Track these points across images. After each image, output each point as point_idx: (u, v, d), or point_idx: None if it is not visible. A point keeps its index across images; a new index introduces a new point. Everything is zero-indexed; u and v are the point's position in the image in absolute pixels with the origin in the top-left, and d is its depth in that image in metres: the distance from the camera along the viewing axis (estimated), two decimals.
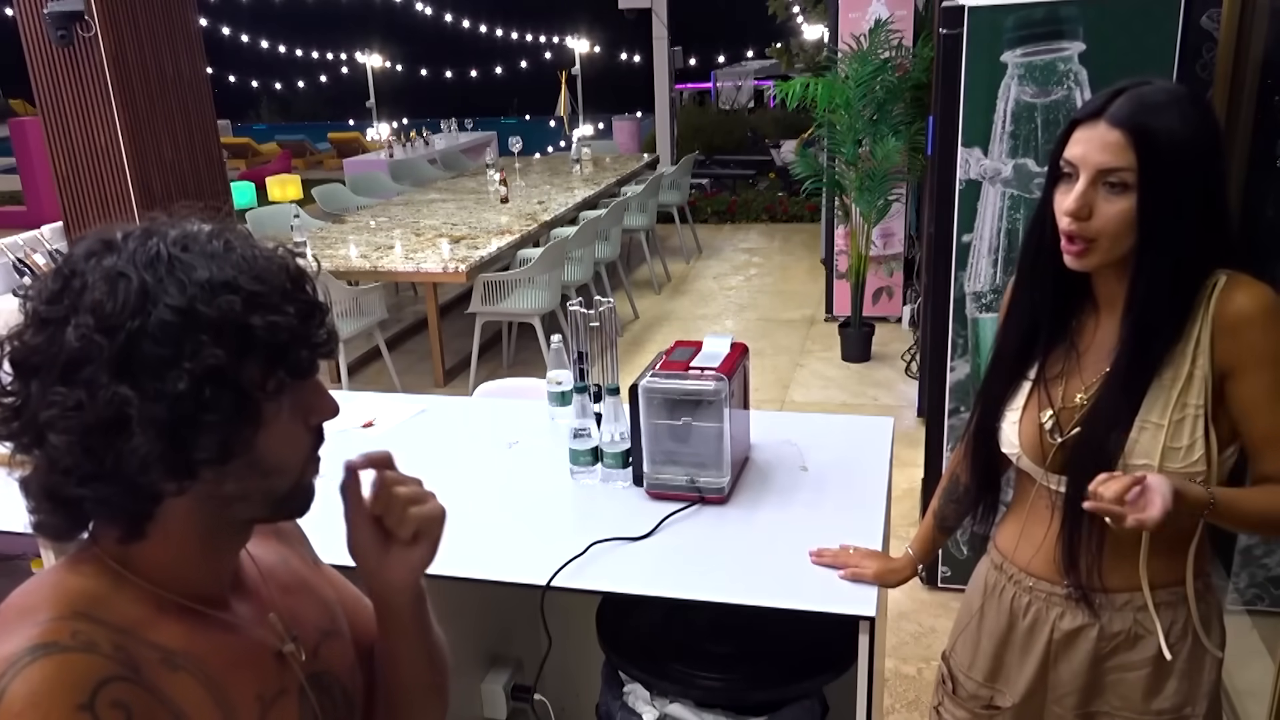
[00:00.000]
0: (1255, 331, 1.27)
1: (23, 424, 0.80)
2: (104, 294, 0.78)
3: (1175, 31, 2.63)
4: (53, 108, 5.36)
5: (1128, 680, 1.43)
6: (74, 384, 0.77)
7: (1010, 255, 2.90)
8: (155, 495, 0.82)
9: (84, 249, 0.82)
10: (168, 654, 0.83)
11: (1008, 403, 1.46)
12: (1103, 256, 1.30)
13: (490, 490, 2.00)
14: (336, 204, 7.66)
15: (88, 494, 0.80)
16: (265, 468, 0.86)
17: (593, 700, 1.90)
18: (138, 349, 0.77)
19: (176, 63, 5.66)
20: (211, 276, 0.80)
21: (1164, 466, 1.30)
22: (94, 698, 0.75)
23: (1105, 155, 1.26)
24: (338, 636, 1.05)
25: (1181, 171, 1.25)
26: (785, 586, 1.59)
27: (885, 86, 5.27)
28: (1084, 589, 1.41)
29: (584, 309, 2.06)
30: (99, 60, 5.20)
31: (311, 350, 0.85)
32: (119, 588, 0.84)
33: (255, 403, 0.82)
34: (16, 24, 5.23)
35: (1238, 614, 2.91)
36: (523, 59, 18.35)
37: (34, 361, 0.79)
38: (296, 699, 0.95)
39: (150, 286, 0.78)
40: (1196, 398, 1.29)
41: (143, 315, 0.77)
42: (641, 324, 6.65)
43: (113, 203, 5.55)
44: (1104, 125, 1.27)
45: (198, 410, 0.78)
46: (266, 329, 0.81)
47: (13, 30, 5.26)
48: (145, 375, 0.77)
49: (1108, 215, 1.27)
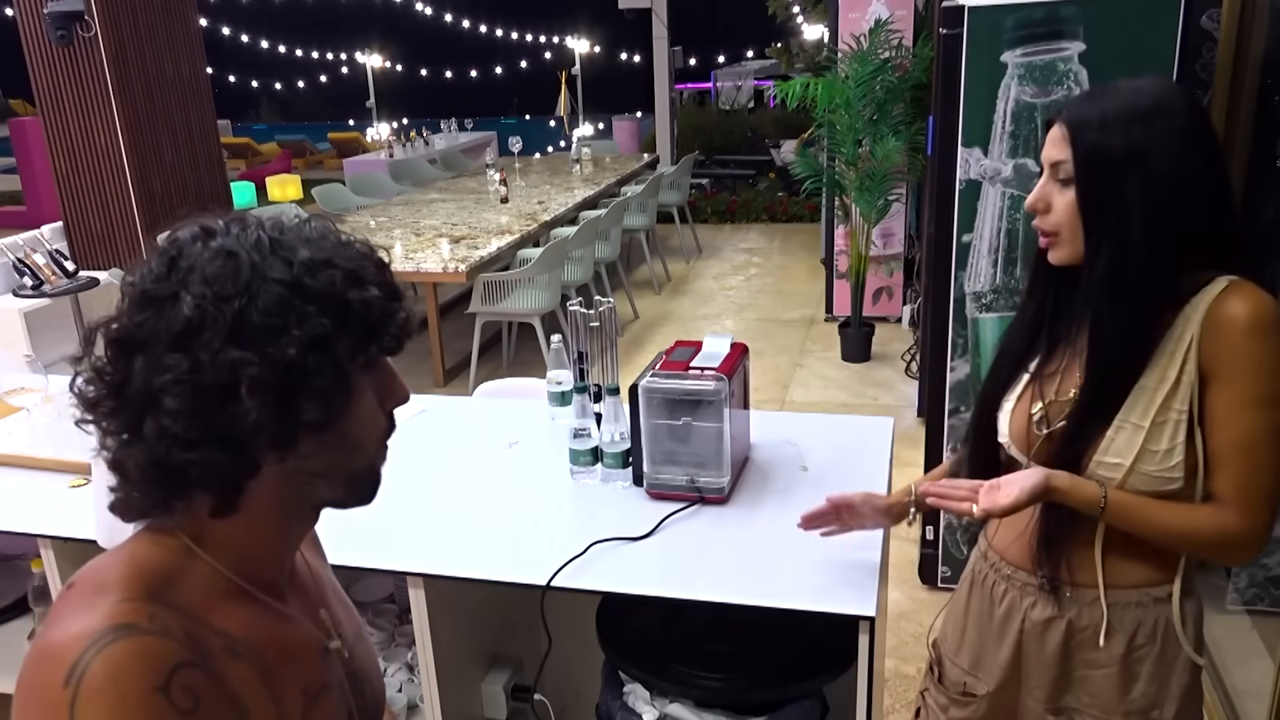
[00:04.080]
0: (1237, 338, 1.25)
1: (123, 400, 0.83)
2: (217, 269, 0.82)
3: (1175, 31, 2.63)
4: (53, 108, 5.36)
5: (1095, 678, 1.44)
6: (188, 350, 0.80)
7: (1010, 255, 2.91)
8: (256, 464, 0.85)
9: (187, 234, 0.85)
10: (230, 641, 0.86)
11: (1007, 395, 1.48)
12: (1070, 248, 1.34)
13: (490, 490, 2.00)
14: (336, 204, 7.66)
15: (195, 458, 0.82)
16: (350, 443, 0.90)
17: (593, 700, 1.90)
18: (250, 318, 0.81)
19: (176, 63, 5.66)
20: (312, 256, 0.85)
21: (1138, 468, 1.31)
22: (169, 681, 0.78)
23: (1052, 149, 1.33)
24: (365, 641, 1.09)
25: (1119, 172, 1.26)
26: (785, 586, 1.59)
27: (885, 86, 5.27)
28: (1054, 581, 1.43)
29: (584, 309, 2.06)
30: (99, 60, 5.20)
31: (397, 329, 0.90)
32: (191, 566, 0.87)
33: (349, 375, 0.86)
34: (16, 24, 5.23)
35: (1238, 614, 2.91)
36: (523, 59, 18.35)
37: (141, 336, 0.82)
38: (337, 695, 0.97)
39: (258, 264, 0.82)
40: (1181, 402, 1.29)
41: (253, 289, 0.81)
42: (641, 324, 6.65)
43: (113, 203, 5.55)
44: (1059, 121, 1.33)
45: (304, 376, 0.82)
46: (362, 304, 0.85)
47: (13, 30, 5.26)
48: (258, 341, 0.81)
49: (1059, 208, 1.33)
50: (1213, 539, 1.30)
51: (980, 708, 1.55)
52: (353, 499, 0.94)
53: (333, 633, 1.00)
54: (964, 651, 1.59)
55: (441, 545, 1.77)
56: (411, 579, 1.70)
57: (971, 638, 1.57)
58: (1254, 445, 1.27)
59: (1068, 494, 1.33)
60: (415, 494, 1.96)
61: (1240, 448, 1.27)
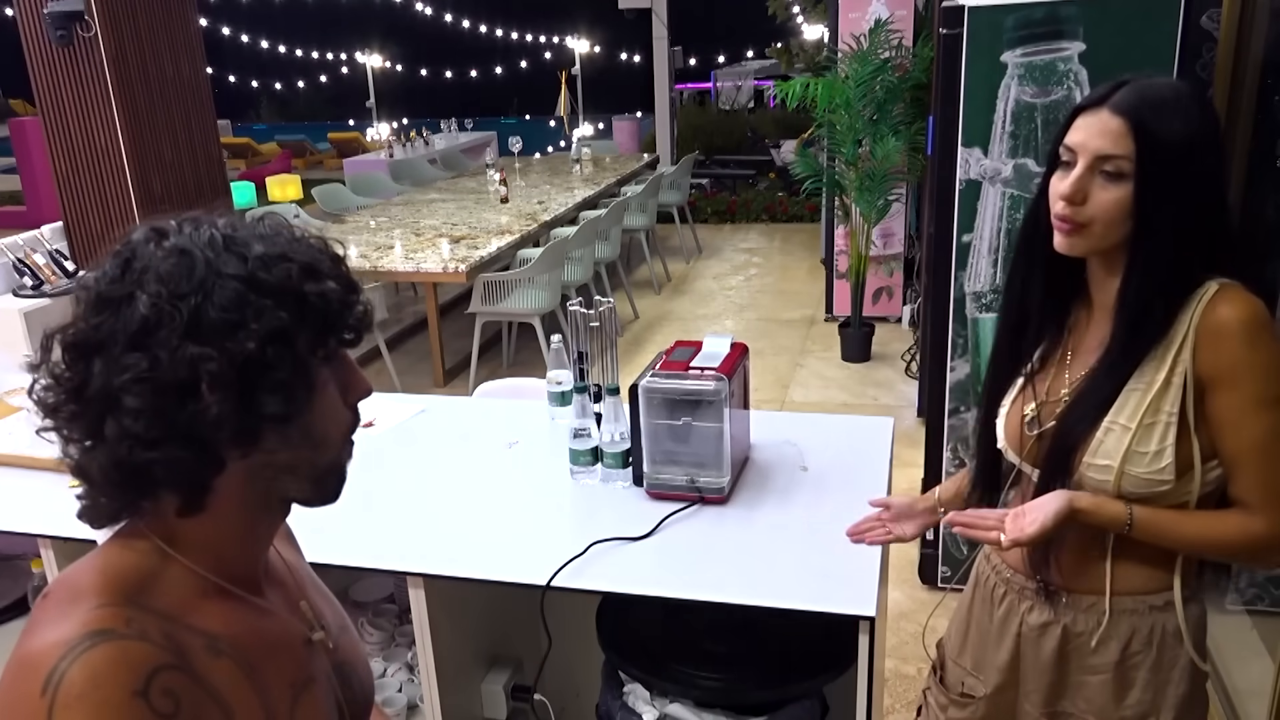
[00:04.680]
0: (1234, 344, 1.25)
1: (83, 404, 0.82)
2: (171, 267, 0.82)
3: (1175, 31, 2.63)
4: (53, 108, 5.36)
5: (1091, 683, 1.43)
6: (146, 349, 0.80)
7: (1010, 255, 2.90)
8: (220, 461, 0.85)
9: (140, 236, 0.86)
10: (211, 639, 0.86)
11: (1004, 396, 1.47)
12: (1094, 242, 1.31)
13: (490, 490, 2.00)
14: (336, 204, 7.66)
15: (159, 457, 0.82)
16: (315, 437, 0.90)
17: (593, 700, 1.90)
18: (207, 314, 0.81)
19: (176, 63, 5.66)
20: (266, 250, 0.85)
21: (1127, 470, 1.30)
22: (148, 684, 0.78)
23: (1104, 141, 1.27)
24: (350, 632, 1.09)
25: (1179, 165, 1.25)
26: (785, 586, 1.59)
27: (885, 86, 5.27)
28: (1050, 586, 1.43)
29: (584, 309, 2.06)
30: (99, 60, 5.20)
31: (356, 321, 0.90)
32: (165, 568, 0.87)
33: (310, 368, 0.86)
34: (16, 24, 5.23)
35: (1237, 614, 2.91)
36: (523, 59, 18.34)
37: (97, 338, 0.82)
38: (324, 687, 0.97)
39: (212, 260, 0.83)
40: (1171, 405, 1.28)
41: (208, 286, 0.81)
42: (641, 324, 6.65)
43: (113, 203, 5.55)
44: (1106, 112, 1.27)
45: (264, 369, 0.82)
46: (319, 296, 0.86)
47: (13, 30, 5.26)
48: (216, 337, 0.80)
49: (1102, 202, 1.28)
50: (1241, 544, 1.30)
51: (979, 709, 1.56)
52: (318, 496, 0.94)
53: (315, 624, 1.00)
54: (966, 653, 1.59)
55: (441, 545, 1.77)
56: (411, 579, 1.69)
57: (973, 639, 1.58)
58: (1269, 447, 1.26)
59: (1092, 514, 1.32)
60: (415, 494, 1.95)
61: (1256, 450, 1.27)
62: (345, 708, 1.01)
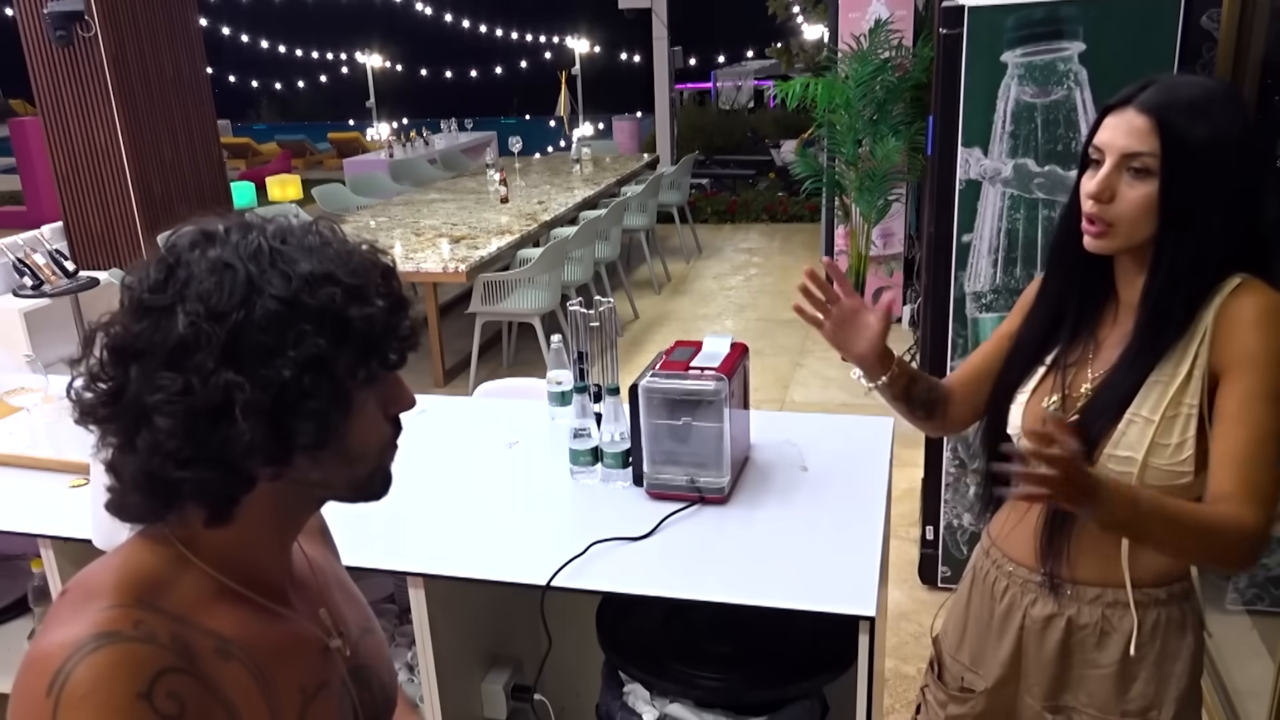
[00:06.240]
0: (1248, 331, 1.26)
1: (120, 408, 0.82)
2: (213, 284, 0.80)
3: (1175, 31, 2.63)
4: (53, 108, 5.36)
5: (1094, 677, 1.44)
6: (181, 369, 0.79)
7: (1010, 255, 2.91)
8: (251, 480, 0.85)
9: (186, 240, 0.84)
10: (221, 642, 0.86)
11: (1021, 387, 1.47)
12: (1121, 241, 1.31)
13: (490, 490, 2.00)
14: (336, 204, 7.66)
15: (188, 476, 0.82)
16: (351, 456, 0.88)
17: (593, 700, 1.90)
18: (245, 337, 0.79)
19: (176, 63, 5.66)
20: (313, 269, 0.82)
21: (1150, 462, 1.31)
22: (152, 687, 0.78)
23: (1130, 140, 1.27)
24: (374, 634, 1.09)
25: (1205, 163, 1.25)
26: (785, 586, 1.59)
27: (885, 86, 5.28)
28: (1056, 578, 1.43)
29: (584, 309, 2.06)
30: (99, 60, 5.20)
31: (400, 343, 0.88)
32: (183, 571, 0.87)
33: (348, 392, 0.85)
34: (16, 24, 5.23)
35: (1237, 614, 2.91)
36: (523, 59, 18.34)
37: (137, 347, 0.81)
38: (337, 692, 0.97)
39: (255, 277, 0.81)
40: (1192, 397, 1.29)
41: (249, 305, 0.80)
42: (641, 324, 6.65)
43: (113, 203, 5.55)
44: (1132, 111, 1.28)
45: (299, 398, 0.81)
46: (363, 320, 0.84)
47: (13, 30, 5.26)
48: (252, 363, 0.79)
49: (1129, 200, 1.28)
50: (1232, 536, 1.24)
51: (978, 704, 1.56)
52: (358, 499, 0.94)
53: (332, 631, 0.99)
54: (964, 648, 1.59)
55: (441, 545, 1.77)
56: (411, 579, 1.69)
57: (972, 634, 1.58)
58: (1266, 440, 1.26)
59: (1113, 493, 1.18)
60: (415, 494, 1.95)
61: (1255, 443, 1.26)
62: (361, 711, 1.00)
